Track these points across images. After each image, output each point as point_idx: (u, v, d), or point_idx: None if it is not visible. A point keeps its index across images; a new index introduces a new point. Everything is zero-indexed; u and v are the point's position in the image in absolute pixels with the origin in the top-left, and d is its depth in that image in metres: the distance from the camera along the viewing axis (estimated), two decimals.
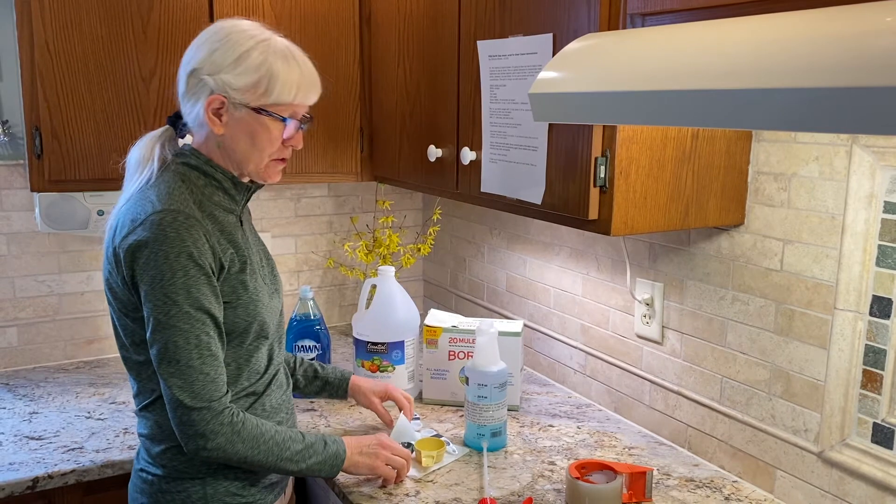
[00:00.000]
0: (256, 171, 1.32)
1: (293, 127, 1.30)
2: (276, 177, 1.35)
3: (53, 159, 1.78)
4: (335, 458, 1.37)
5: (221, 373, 1.25)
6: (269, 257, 1.47)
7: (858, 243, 1.28)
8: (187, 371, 1.21)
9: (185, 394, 1.21)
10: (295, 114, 1.30)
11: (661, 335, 1.70)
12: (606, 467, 1.40)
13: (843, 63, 0.76)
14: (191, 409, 1.21)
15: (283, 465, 1.30)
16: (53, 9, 1.72)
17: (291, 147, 1.33)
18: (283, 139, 1.30)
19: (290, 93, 1.27)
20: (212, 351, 1.23)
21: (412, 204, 2.65)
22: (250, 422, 1.27)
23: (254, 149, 1.29)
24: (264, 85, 1.25)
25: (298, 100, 1.28)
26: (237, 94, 1.25)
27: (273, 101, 1.26)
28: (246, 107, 1.26)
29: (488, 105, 1.57)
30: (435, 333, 1.87)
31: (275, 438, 1.29)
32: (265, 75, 1.25)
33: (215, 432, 1.22)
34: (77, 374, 2.11)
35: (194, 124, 1.31)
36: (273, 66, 1.25)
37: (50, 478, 1.56)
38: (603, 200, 1.34)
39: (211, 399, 1.22)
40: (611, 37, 1.14)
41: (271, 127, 1.28)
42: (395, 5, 1.92)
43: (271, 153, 1.31)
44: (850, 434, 1.33)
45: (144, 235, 1.20)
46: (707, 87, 0.90)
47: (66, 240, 2.16)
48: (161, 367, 1.22)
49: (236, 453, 1.25)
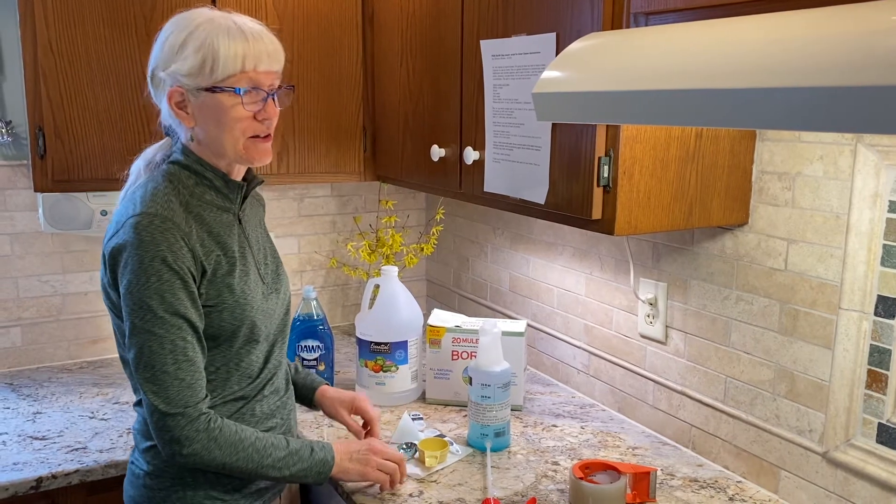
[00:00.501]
0: (237, 154, 1.28)
1: (255, 97, 1.25)
2: (263, 155, 1.29)
3: (57, 159, 1.78)
4: (322, 464, 1.34)
5: (199, 378, 1.23)
6: (275, 256, 1.45)
7: (863, 243, 1.28)
8: (162, 377, 1.20)
9: (160, 399, 1.20)
10: (255, 83, 1.25)
11: (664, 335, 1.70)
12: (610, 467, 1.39)
13: (847, 62, 0.76)
14: (165, 415, 1.20)
15: (264, 471, 1.28)
16: (56, 9, 1.72)
17: (265, 120, 1.27)
18: (253, 114, 1.25)
19: (235, 63, 1.22)
20: (188, 356, 1.21)
21: (415, 204, 2.65)
22: (228, 428, 1.25)
23: (223, 131, 1.25)
24: (209, 62, 1.21)
25: (249, 67, 1.23)
26: (189, 79, 1.23)
27: (222, 75, 1.22)
28: (202, 91, 1.23)
29: (491, 105, 1.57)
30: (438, 333, 1.86)
31: (255, 445, 1.27)
32: (208, 53, 1.21)
33: (190, 438, 1.21)
34: (81, 374, 2.11)
35: (173, 125, 1.31)
36: (214, 42, 1.21)
37: (54, 478, 1.56)
38: (606, 200, 1.34)
39: (186, 405, 1.21)
40: (614, 36, 1.14)
41: (229, 103, 1.23)
42: (398, 4, 1.92)
43: (244, 131, 1.26)
44: (855, 434, 1.32)
45: (123, 239, 1.21)
46: (711, 86, 0.90)
47: (70, 240, 2.16)
48: (137, 371, 1.21)
49: (213, 460, 1.23)
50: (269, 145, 1.30)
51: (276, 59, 1.27)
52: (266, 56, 1.25)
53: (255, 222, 1.44)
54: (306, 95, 2.03)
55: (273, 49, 1.27)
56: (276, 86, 1.29)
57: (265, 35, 1.27)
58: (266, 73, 1.26)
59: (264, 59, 1.25)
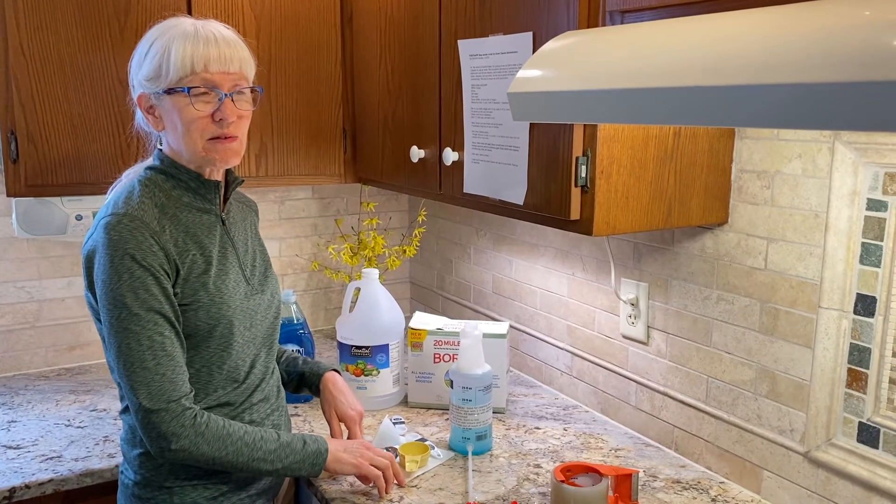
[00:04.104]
0: (197, 155, 1.28)
1: (210, 98, 1.24)
2: (226, 155, 1.29)
3: (29, 163, 1.75)
4: (316, 455, 1.34)
5: (180, 373, 1.24)
6: (265, 260, 1.46)
7: (842, 241, 1.27)
8: (142, 373, 1.20)
9: (143, 395, 1.20)
10: (211, 83, 1.24)
11: (646, 335, 1.69)
12: (592, 470, 1.38)
13: (823, 58, 0.75)
14: (150, 411, 1.21)
15: (256, 465, 1.28)
16: (27, 10, 1.69)
17: (222, 121, 1.25)
18: (209, 114, 1.25)
19: (185, 64, 1.23)
20: (167, 351, 1.22)
21: (397, 206, 2.63)
22: (216, 423, 1.25)
23: (180, 133, 1.27)
24: (164, 66, 1.24)
25: (199, 68, 1.23)
26: (150, 84, 1.26)
27: (175, 78, 1.23)
28: (162, 94, 1.25)
29: (470, 105, 1.56)
30: (419, 336, 1.85)
31: (244, 439, 1.27)
32: (163, 57, 1.24)
33: (177, 434, 1.21)
34: (58, 382, 2.08)
35: (147, 130, 1.35)
36: (170, 46, 1.23)
37: (27, 488, 1.53)
38: (584, 200, 1.33)
39: (170, 399, 1.21)
40: (590, 34, 1.13)
41: (182, 104, 1.24)
42: (377, 5, 1.90)
43: (202, 132, 1.26)
44: (836, 434, 1.32)
45: (95, 241, 1.23)
46: (688, 84, 0.88)
47: (46, 245, 2.13)
48: (118, 370, 1.22)
49: (202, 455, 1.24)
50: (234, 146, 1.30)
51: (230, 61, 1.26)
52: (217, 56, 1.25)
53: (244, 226, 1.44)
54: (285, 97, 2.01)
55: (229, 52, 1.26)
56: (240, 88, 1.28)
57: (225, 40, 1.27)
58: (221, 74, 1.25)
59: (214, 59, 1.24)
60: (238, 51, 1.28)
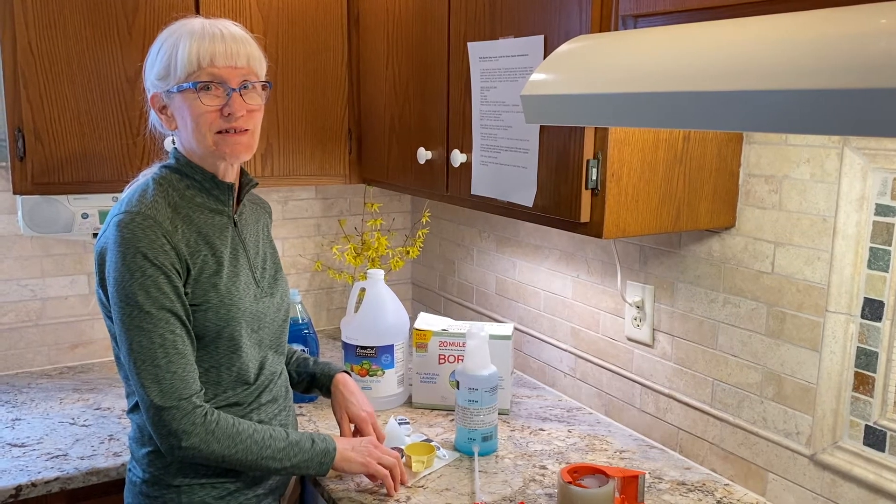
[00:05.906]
0: (207, 150, 1.28)
1: (218, 92, 1.25)
2: (236, 149, 1.28)
3: (36, 161, 1.75)
4: (324, 454, 1.35)
5: (191, 371, 1.24)
6: (275, 262, 1.46)
7: (850, 245, 1.28)
8: (154, 370, 1.21)
9: (154, 393, 1.21)
10: (218, 78, 1.24)
11: (651, 338, 1.70)
12: (598, 471, 1.39)
13: (835, 65, 0.76)
14: (161, 409, 1.21)
15: (265, 463, 1.29)
16: (36, 9, 1.69)
17: (230, 115, 1.25)
18: (217, 109, 1.25)
19: (191, 60, 1.24)
20: (178, 349, 1.23)
21: (401, 206, 2.63)
22: (226, 420, 1.26)
23: (190, 129, 1.27)
24: (173, 64, 1.25)
25: (206, 63, 1.23)
26: (161, 83, 1.27)
27: (183, 74, 1.24)
28: (172, 93, 1.27)
29: (479, 107, 1.56)
30: (424, 337, 1.85)
31: (253, 437, 1.28)
32: (171, 56, 1.25)
33: (187, 432, 1.22)
34: (61, 380, 2.08)
35: (162, 130, 1.36)
36: (177, 45, 1.25)
37: (33, 486, 1.53)
38: (594, 203, 1.33)
39: (180, 397, 1.22)
40: (603, 38, 1.13)
41: (190, 99, 1.25)
42: (384, 6, 1.91)
43: (210, 126, 1.26)
44: (842, 436, 1.32)
45: (107, 238, 1.24)
46: (699, 88, 0.89)
47: (50, 243, 2.12)
48: (130, 368, 1.23)
49: (212, 452, 1.24)
50: (244, 139, 1.29)
51: (237, 56, 1.26)
52: (224, 51, 1.25)
53: (256, 228, 1.44)
54: (291, 97, 2.01)
55: (235, 47, 1.26)
56: (249, 82, 1.28)
57: (232, 35, 1.27)
58: (228, 69, 1.25)
59: (220, 54, 1.25)
60: (245, 47, 1.28)
